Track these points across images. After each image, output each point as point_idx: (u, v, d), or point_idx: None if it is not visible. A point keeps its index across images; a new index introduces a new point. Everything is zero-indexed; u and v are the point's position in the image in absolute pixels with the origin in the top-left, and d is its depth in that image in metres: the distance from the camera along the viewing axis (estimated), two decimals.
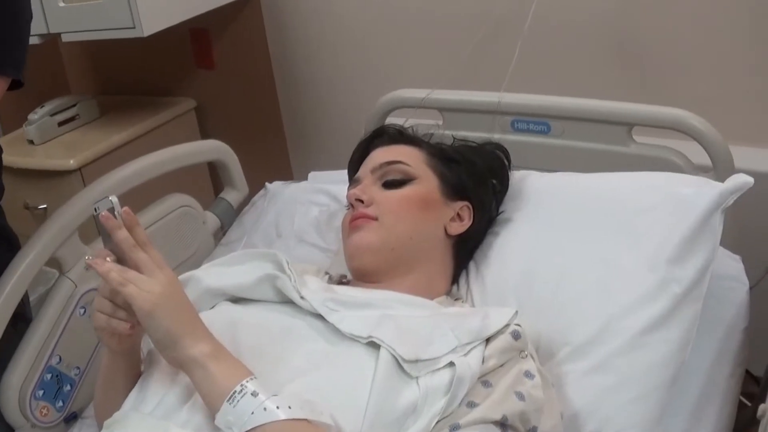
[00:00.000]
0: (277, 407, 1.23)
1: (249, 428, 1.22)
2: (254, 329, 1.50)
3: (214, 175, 3.28)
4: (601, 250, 1.75)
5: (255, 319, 1.54)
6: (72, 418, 2.05)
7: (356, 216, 1.72)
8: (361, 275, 1.72)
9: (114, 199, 1.36)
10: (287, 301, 1.55)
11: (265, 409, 1.23)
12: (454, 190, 1.81)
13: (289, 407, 1.23)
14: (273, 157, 3.32)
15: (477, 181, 1.86)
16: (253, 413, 1.22)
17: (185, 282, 1.66)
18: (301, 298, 1.52)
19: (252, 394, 1.25)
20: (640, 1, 2.47)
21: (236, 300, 1.63)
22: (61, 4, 2.80)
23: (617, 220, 1.78)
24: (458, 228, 1.79)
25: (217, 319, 1.54)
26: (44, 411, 1.96)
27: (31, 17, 1.74)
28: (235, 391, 1.25)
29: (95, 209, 1.36)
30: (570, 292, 1.71)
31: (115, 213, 1.36)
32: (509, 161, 1.95)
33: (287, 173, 3.26)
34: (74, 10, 2.79)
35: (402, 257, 1.70)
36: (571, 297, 1.70)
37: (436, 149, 1.87)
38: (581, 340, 1.63)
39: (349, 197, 1.76)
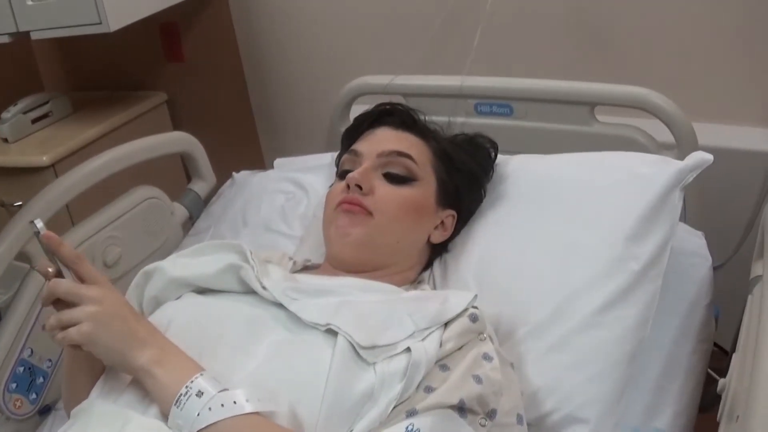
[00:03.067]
0: (222, 405, 1.24)
1: (197, 429, 1.23)
2: (217, 319, 1.50)
3: (186, 167, 3.30)
4: (560, 229, 1.76)
5: (219, 309, 1.55)
6: (46, 410, 2.06)
7: (351, 201, 1.70)
8: (337, 261, 1.72)
9: (40, 223, 1.38)
10: (251, 292, 1.55)
11: (210, 408, 1.24)
12: (447, 198, 1.80)
13: (235, 402, 1.24)
14: (244, 147, 3.33)
15: (472, 190, 1.86)
16: (198, 414, 1.23)
17: (151, 272, 1.68)
18: (263, 288, 1.52)
19: (197, 394, 1.25)
20: None
21: (201, 291, 1.63)
22: (29, 2, 2.77)
23: (576, 200, 1.80)
24: (440, 237, 1.81)
25: (182, 309, 1.56)
26: (18, 404, 1.98)
27: None
28: (181, 394, 1.26)
29: (32, 228, 1.39)
30: (529, 272, 1.72)
31: (39, 237, 1.37)
32: (496, 156, 1.95)
33: (259, 163, 3.26)
34: (42, 7, 2.77)
35: (382, 257, 1.71)
36: (529, 277, 1.72)
37: (440, 148, 1.85)
38: (540, 318, 1.65)
39: (349, 179, 1.71)
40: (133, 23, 2.77)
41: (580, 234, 1.74)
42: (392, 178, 1.74)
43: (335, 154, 2.17)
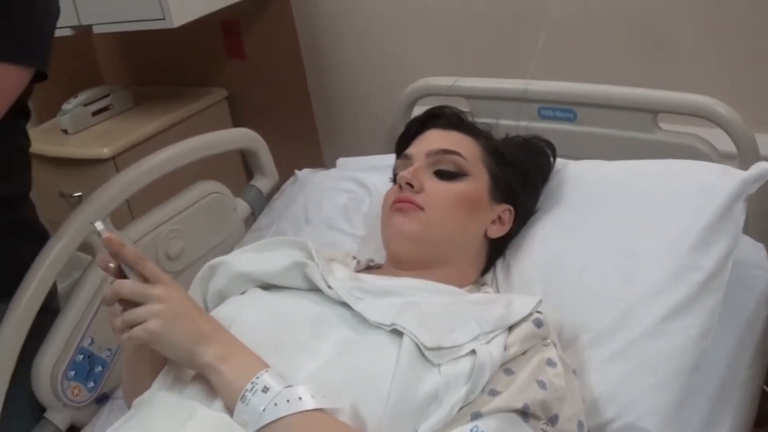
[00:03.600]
0: (288, 401, 1.25)
1: (262, 425, 1.24)
2: (283, 317, 1.52)
3: (246, 163, 3.30)
4: (624, 237, 1.75)
5: (284, 306, 1.56)
6: (103, 398, 2.08)
7: (403, 199, 1.71)
8: (396, 260, 1.73)
9: (101, 226, 1.41)
10: (315, 289, 1.57)
11: (275, 404, 1.25)
12: (501, 192, 1.80)
13: (300, 398, 1.25)
14: (304, 144, 3.34)
15: (525, 185, 1.86)
16: (264, 410, 1.24)
17: (216, 267, 1.70)
18: (328, 286, 1.53)
19: (263, 390, 1.27)
20: None
21: (266, 286, 1.65)
22: None
23: (641, 208, 1.79)
24: (498, 231, 1.80)
25: (247, 305, 1.58)
26: (76, 391, 2.00)
27: (59, 11, 1.77)
28: (246, 390, 1.28)
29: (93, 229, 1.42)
30: (593, 279, 1.71)
31: (100, 239, 1.39)
32: (554, 158, 1.96)
33: (318, 160, 3.28)
34: (105, 2, 2.82)
35: (439, 252, 1.71)
36: (593, 284, 1.70)
37: (491, 145, 1.86)
38: (603, 326, 1.64)
39: (400, 179, 1.73)
40: (194, 20, 2.79)
41: (644, 242, 1.72)
42: (442, 175, 1.75)
43: None
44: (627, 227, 1.77)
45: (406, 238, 1.69)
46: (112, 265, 1.42)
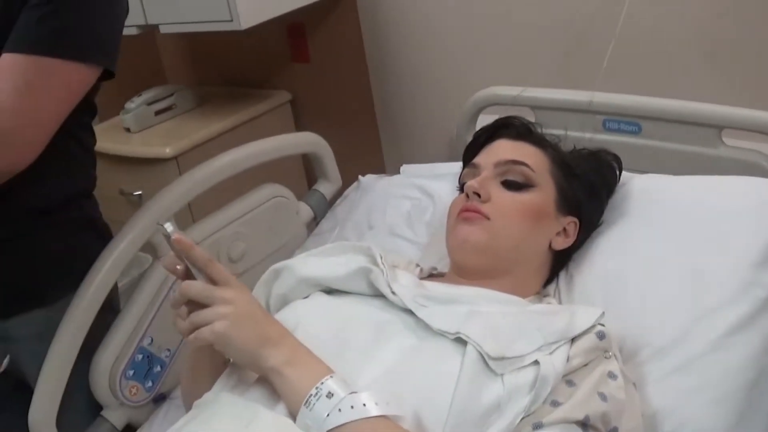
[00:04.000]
0: (352, 407, 1.25)
1: (326, 430, 1.25)
2: (346, 321, 1.53)
3: (307, 166, 3.33)
4: (687, 253, 1.75)
5: (348, 311, 1.57)
6: (161, 398, 2.11)
7: (469, 208, 1.71)
8: (460, 269, 1.74)
9: (170, 227, 1.41)
10: (379, 295, 1.57)
11: (339, 410, 1.25)
12: (568, 205, 1.80)
13: (364, 405, 1.26)
14: (366, 150, 3.33)
15: (591, 197, 1.86)
16: (328, 415, 1.25)
17: (280, 270, 1.72)
18: (393, 293, 1.54)
19: (327, 395, 1.27)
20: (734, 3, 2.45)
21: (330, 291, 1.66)
22: None
23: (704, 224, 1.79)
24: (563, 243, 1.80)
25: (311, 309, 1.59)
26: (134, 390, 2.03)
27: (128, 10, 1.80)
28: (311, 395, 1.28)
29: (160, 230, 1.42)
30: (655, 293, 1.72)
31: (170, 240, 1.40)
32: (621, 171, 1.95)
33: (379, 166, 3.27)
34: (172, 2, 2.84)
35: (504, 262, 1.71)
36: (655, 298, 1.71)
37: (559, 157, 1.86)
38: (664, 340, 1.64)
39: (467, 188, 1.73)
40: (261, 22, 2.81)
41: (707, 258, 1.73)
42: (510, 185, 1.74)
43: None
44: (690, 243, 1.77)
45: (471, 247, 1.69)
46: (179, 267, 1.44)
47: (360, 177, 2.52)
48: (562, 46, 2.72)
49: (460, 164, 2.03)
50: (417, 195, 2.31)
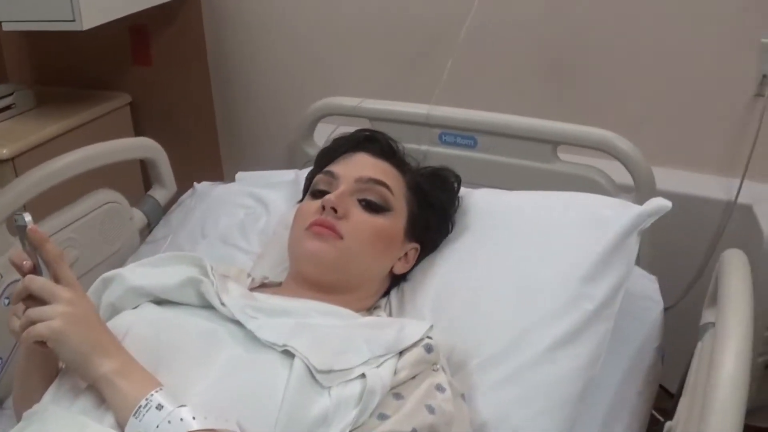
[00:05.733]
0: (181, 419, 1.24)
1: None
2: (174, 332, 1.50)
3: (145, 171, 3.27)
4: (518, 265, 1.79)
5: (176, 321, 1.54)
6: None
7: (323, 223, 1.69)
8: (301, 280, 1.73)
9: (28, 217, 1.37)
10: (209, 306, 1.55)
11: (169, 422, 1.24)
12: (414, 232, 1.81)
13: (194, 418, 1.24)
14: (204, 156, 3.31)
15: (440, 225, 1.88)
16: (158, 426, 1.23)
17: (110, 279, 1.67)
18: (222, 304, 1.52)
19: (157, 407, 1.25)
20: (572, 20, 2.51)
21: (159, 301, 1.63)
22: None
23: (536, 237, 1.83)
24: (402, 268, 1.81)
25: (140, 319, 1.55)
26: None
27: None
28: (140, 406, 1.26)
29: (15, 219, 1.38)
30: (484, 306, 1.74)
31: (26, 230, 1.37)
32: (459, 189, 1.96)
33: (218, 173, 3.26)
34: None
35: (347, 281, 1.71)
36: (485, 310, 1.74)
37: (415, 182, 1.85)
38: (492, 351, 1.67)
39: (325, 201, 1.70)
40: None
41: (537, 270, 1.76)
42: (367, 205, 1.74)
43: (299, 172, 2.20)
44: (521, 256, 1.81)
45: (318, 262, 1.68)
46: (26, 262, 1.39)
47: (195, 184, 2.48)
48: (403, 59, 2.76)
49: (293, 172, 2.02)
50: (251, 203, 2.29)
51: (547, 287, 1.73)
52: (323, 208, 1.70)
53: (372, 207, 1.73)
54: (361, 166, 1.80)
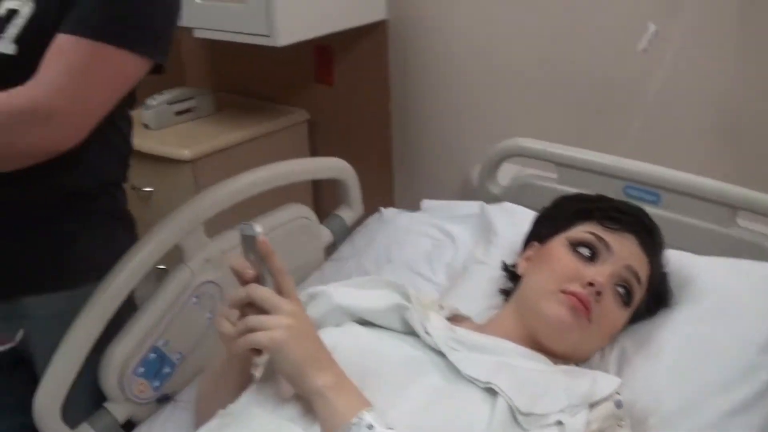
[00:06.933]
0: None
1: None
2: (380, 354, 1.56)
3: (316, 189, 3.36)
4: (699, 329, 1.81)
5: (381, 344, 1.60)
6: (164, 399, 2.11)
7: (583, 300, 1.64)
8: (531, 341, 1.69)
9: (258, 228, 1.45)
10: (411, 333, 1.61)
11: None
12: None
13: None
14: (376, 180, 3.30)
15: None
16: None
17: (315, 295, 1.74)
18: (426, 333, 1.57)
19: (367, 426, 1.31)
20: (760, 88, 2.48)
21: (363, 322, 1.68)
22: (198, 1, 2.86)
23: (717, 303, 1.85)
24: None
25: (347, 337, 1.62)
26: (141, 387, 2.03)
27: (180, 7, 1.82)
28: (352, 423, 1.32)
29: (242, 228, 1.45)
30: (665, 364, 1.76)
31: (256, 240, 1.44)
32: None
33: (388, 198, 3.30)
34: (212, 8, 2.85)
35: (565, 353, 1.71)
36: (666, 368, 1.75)
37: (657, 281, 1.84)
38: (671, 409, 1.68)
39: (597, 284, 1.65)
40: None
41: (717, 336, 1.78)
42: (621, 297, 1.72)
43: (484, 205, 2.26)
44: (701, 319, 1.83)
45: (559, 334, 1.67)
46: (249, 271, 1.46)
47: (382, 209, 2.54)
48: (589, 109, 2.75)
49: (477, 204, 2.04)
50: (438, 235, 2.33)
51: (726, 352, 1.75)
52: (590, 284, 1.66)
53: (624, 300, 1.73)
54: (632, 253, 1.76)
